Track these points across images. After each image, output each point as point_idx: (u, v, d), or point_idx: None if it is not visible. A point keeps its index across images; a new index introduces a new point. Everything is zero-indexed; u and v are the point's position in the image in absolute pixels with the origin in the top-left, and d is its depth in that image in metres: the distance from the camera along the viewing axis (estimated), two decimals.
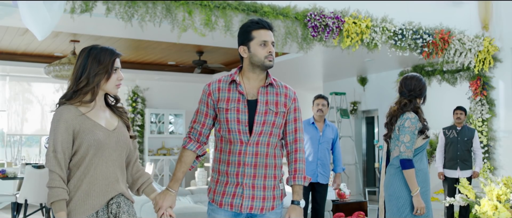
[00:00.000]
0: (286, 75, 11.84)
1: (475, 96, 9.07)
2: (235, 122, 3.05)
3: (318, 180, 6.20)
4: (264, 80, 3.15)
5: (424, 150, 4.07)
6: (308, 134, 6.24)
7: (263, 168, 3.06)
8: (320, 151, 6.22)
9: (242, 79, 3.13)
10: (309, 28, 6.87)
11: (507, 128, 8.85)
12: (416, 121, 4.01)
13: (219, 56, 10.50)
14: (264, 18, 3.14)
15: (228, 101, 3.07)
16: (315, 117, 6.31)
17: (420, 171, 4.03)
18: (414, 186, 3.95)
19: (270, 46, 3.08)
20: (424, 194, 3.99)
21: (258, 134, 3.04)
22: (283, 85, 3.21)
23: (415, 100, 4.10)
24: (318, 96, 6.37)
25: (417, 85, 4.11)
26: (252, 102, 3.07)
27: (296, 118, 3.19)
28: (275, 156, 3.12)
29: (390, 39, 7.56)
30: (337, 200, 7.72)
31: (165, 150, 12.36)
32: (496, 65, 8.89)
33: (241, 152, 3.04)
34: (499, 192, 6.37)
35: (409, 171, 3.97)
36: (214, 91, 3.13)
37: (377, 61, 9.75)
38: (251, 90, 3.10)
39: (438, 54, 8.12)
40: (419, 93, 4.10)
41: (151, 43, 9.22)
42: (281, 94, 3.14)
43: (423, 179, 4.02)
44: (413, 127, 4.00)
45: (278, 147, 3.17)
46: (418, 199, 3.94)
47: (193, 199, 6.27)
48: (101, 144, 2.79)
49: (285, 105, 3.13)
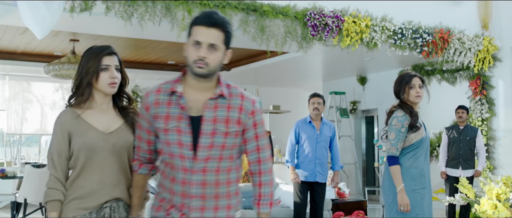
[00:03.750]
0: (286, 74, 11.85)
1: (474, 96, 9.07)
2: (177, 145, 2.48)
3: (316, 179, 6.20)
4: (213, 89, 2.53)
5: (419, 148, 4.04)
6: (306, 133, 6.24)
7: (212, 199, 2.51)
8: (318, 149, 6.22)
9: (186, 88, 2.53)
10: (308, 27, 6.86)
11: (507, 128, 8.85)
12: (403, 119, 4.02)
13: None
14: (215, 12, 2.49)
15: (167, 119, 2.50)
16: (311, 116, 6.31)
17: (413, 168, 4.01)
18: (398, 182, 3.98)
19: (204, 49, 2.42)
20: (413, 192, 3.98)
21: (204, 160, 2.47)
22: (239, 94, 2.57)
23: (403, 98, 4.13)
24: (313, 94, 6.37)
25: (396, 86, 4.16)
26: (197, 119, 2.49)
27: (258, 135, 2.61)
28: (229, 183, 2.55)
29: (389, 38, 7.56)
30: (336, 199, 7.71)
31: None
32: (495, 65, 8.89)
33: (185, 182, 2.48)
34: (498, 192, 6.38)
35: (393, 167, 4.01)
36: (152, 105, 2.54)
37: (377, 60, 9.75)
38: (196, 103, 2.50)
39: (438, 54, 8.12)
40: (398, 89, 4.13)
41: (150, 43, 9.21)
42: (235, 107, 2.53)
43: (416, 177, 4.00)
44: (399, 124, 4.02)
45: (234, 171, 2.58)
46: (402, 196, 3.95)
47: None
48: (93, 148, 2.71)
49: (239, 122, 2.53)
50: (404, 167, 4.04)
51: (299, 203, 6.22)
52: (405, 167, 4.04)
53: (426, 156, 4.08)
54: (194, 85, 2.50)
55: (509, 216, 6.00)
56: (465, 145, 7.66)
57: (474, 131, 7.76)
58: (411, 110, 4.06)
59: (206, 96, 2.50)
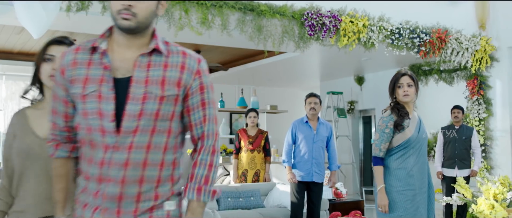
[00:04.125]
0: (283, 74, 11.84)
1: (472, 96, 9.06)
2: (96, 116, 1.95)
3: (313, 179, 6.19)
4: (147, 45, 2.04)
5: (407, 149, 3.97)
6: (302, 133, 6.23)
7: (136, 186, 1.96)
8: (315, 149, 6.21)
9: (112, 46, 2.03)
10: (306, 27, 6.85)
11: (504, 128, 8.85)
12: (388, 120, 4.00)
13: (216, 55, 10.47)
14: None
15: (86, 82, 1.98)
16: (308, 116, 6.30)
17: (400, 169, 3.95)
18: (378, 182, 3.97)
19: None
20: (398, 193, 3.93)
21: (131, 133, 1.93)
22: (180, 50, 2.08)
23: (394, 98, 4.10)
24: (310, 94, 6.37)
25: (389, 86, 4.13)
26: (124, 81, 1.97)
27: (205, 101, 2.07)
28: (163, 165, 2.03)
29: (387, 38, 7.56)
30: (333, 199, 7.71)
31: None
32: (493, 65, 8.89)
33: (103, 162, 1.94)
34: (495, 191, 6.37)
35: (375, 167, 4.01)
36: (68, 66, 2.02)
37: (374, 60, 9.75)
38: (124, 63, 2.00)
39: (435, 53, 8.12)
40: (390, 89, 4.10)
41: None
42: (174, 66, 2.02)
43: (403, 178, 3.95)
44: (383, 125, 4.01)
45: (171, 150, 2.06)
46: (380, 196, 3.94)
47: None
48: (28, 154, 2.33)
49: (179, 84, 2.01)
50: (391, 168, 4.00)
51: (296, 203, 6.21)
52: (392, 168, 4.00)
53: (419, 157, 4.00)
54: (121, 42, 2.01)
55: (506, 216, 5.99)
56: (461, 145, 7.65)
57: (470, 130, 7.76)
58: (400, 109, 4.01)
59: (136, 53, 2.00)
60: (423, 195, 4.01)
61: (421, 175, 4.01)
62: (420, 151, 4.02)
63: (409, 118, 4.02)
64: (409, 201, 3.93)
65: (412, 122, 4.02)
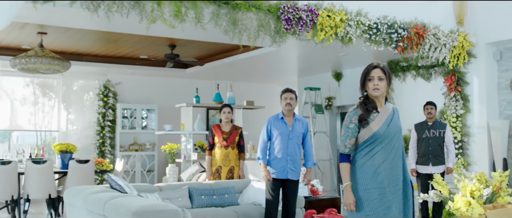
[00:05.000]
0: (260, 69, 11.71)
1: (449, 92, 9.04)
2: None
3: (288, 177, 6.05)
4: None
5: (374, 144, 3.78)
6: (278, 129, 6.08)
7: None
8: (290, 146, 6.06)
9: None
10: (282, 21, 6.71)
11: (481, 124, 8.84)
12: (352, 115, 3.86)
13: (192, 50, 10.30)
14: None
15: None
16: (284, 112, 6.15)
17: (367, 166, 3.77)
18: (344, 180, 3.83)
19: None
20: (365, 190, 3.75)
21: None
22: None
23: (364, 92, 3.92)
24: (285, 89, 6.21)
25: (360, 80, 3.94)
26: None
27: None
28: None
29: (364, 33, 7.46)
30: (309, 196, 7.59)
31: (137, 146, 12.12)
32: (470, 61, 8.87)
33: None
34: (472, 188, 6.32)
35: (341, 165, 3.88)
36: None
37: (352, 56, 9.66)
38: None
39: (413, 49, 8.05)
40: (361, 82, 3.92)
41: (122, 36, 8.99)
42: None
43: (370, 175, 3.76)
44: (347, 120, 3.87)
45: None
46: (346, 194, 3.79)
47: (161, 196, 6.07)
48: None
49: None
50: (358, 164, 3.82)
51: (271, 201, 6.08)
52: (359, 164, 3.82)
53: (389, 153, 3.80)
54: None
55: (482, 213, 5.93)
56: (435, 141, 7.58)
57: (443, 126, 7.68)
58: (367, 104, 3.84)
59: None
60: (396, 194, 3.80)
61: (392, 172, 3.80)
62: (390, 147, 3.80)
63: (378, 112, 3.84)
64: (377, 200, 3.74)
65: (380, 116, 3.83)
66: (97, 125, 11.91)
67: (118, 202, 4.53)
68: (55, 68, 8.69)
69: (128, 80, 12.35)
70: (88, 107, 12.08)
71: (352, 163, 3.87)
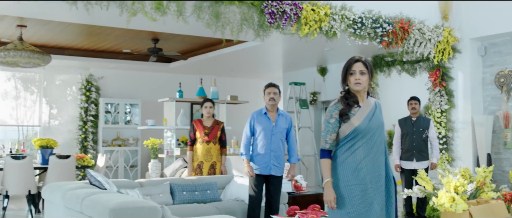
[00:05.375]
0: (245, 64, 11.61)
1: (434, 87, 9.02)
2: None
3: (271, 173, 5.98)
4: None
5: (355, 140, 3.69)
6: (261, 125, 6.00)
7: None
8: (273, 142, 5.99)
9: None
10: (265, 14, 6.62)
11: (465, 119, 8.82)
12: (333, 109, 3.76)
13: (176, 44, 10.18)
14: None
15: None
16: (267, 107, 6.06)
17: (349, 162, 3.68)
18: (324, 176, 3.72)
19: None
20: (346, 187, 3.65)
21: None
22: None
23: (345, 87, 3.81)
24: (269, 84, 6.11)
25: (341, 74, 3.83)
26: None
27: None
28: None
29: (349, 27, 7.39)
30: (293, 192, 7.51)
31: (120, 141, 11.98)
32: (455, 56, 8.85)
33: None
34: (456, 184, 6.30)
35: (321, 161, 3.77)
36: None
37: (337, 50, 9.58)
38: None
39: (398, 44, 8.01)
40: (342, 77, 3.80)
41: (103, 29, 8.84)
42: None
43: (351, 171, 3.66)
44: (328, 115, 3.77)
45: None
46: (326, 191, 3.68)
47: (141, 192, 5.97)
48: None
49: None
50: (339, 160, 3.73)
51: (254, 197, 6.00)
52: (340, 160, 3.72)
53: (371, 148, 3.70)
54: None
55: (466, 208, 5.91)
56: (419, 136, 7.52)
57: (427, 122, 7.63)
58: (348, 98, 3.74)
59: None
60: (378, 190, 3.71)
61: (374, 168, 3.71)
62: (372, 142, 3.71)
63: (359, 106, 3.75)
64: (358, 196, 3.64)
65: (362, 111, 3.74)
66: (79, 120, 11.74)
67: (95, 198, 4.41)
68: (35, 62, 8.52)
69: (111, 74, 12.19)
70: (70, 101, 11.90)
71: (333, 159, 3.77)
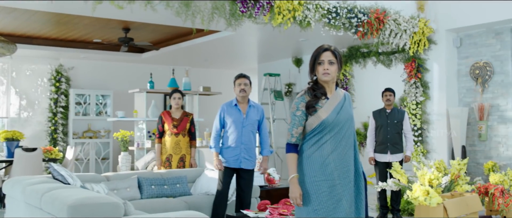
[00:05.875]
0: (219, 55, 11.41)
1: (409, 79, 8.93)
2: None
3: (241, 166, 5.80)
4: None
5: (323, 133, 3.50)
6: (231, 117, 5.81)
7: None
8: (244, 134, 5.80)
9: None
10: (237, 3, 6.43)
11: (440, 111, 8.76)
12: (299, 101, 3.58)
13: (147, 34, 9.93)
14: None
15: None
16: (237, 98, 5.87)
17: (316, 157, 3.49)
18: (290, 171, 3.55)
19: None
20: (313, 183, 3.46)
21: None
22: None
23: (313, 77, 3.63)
24: (239, 75, 5.91)
25: (309, 64, 3.64)
26: None
27: None
28: None
29: (323, 17, 7.23)
30: (266, 185, 7.36)
31: (91, 133, 11.70)
32: (430, 47, 8.77)
33: None
34: (431, 177, 6.21)
35: (287, 155, 3.59)
36: None
37: (312, 41, 9.44)
38: None
39: (373, 35, 7.89)
40: (311, 66, 3.61)
41: (71, 18, 8.56)
42: None
43: (318, 167, 3.48)
44: (294, 107, 3.59)
45: None
46: (291, 187, 3.51)
47: (108, 187, 5.73)
48: None
49: None
50: (305, 155, 3.54)
51: (220, 191, 5.81)
52: (306, 155, 3.54)
53: (339, 142, 3.52)
54: None
55: (440, 202, 5.82)
56: (393, 129, 7.39)
57: (402, 114, 7.50)
58: (316, 90, 3.55)
59: None
60: (346, 186, 3.52)
61: (343, 163, 3.53)
62: (340, 136, 3.52)
63: (327, 98, 3.57)
64: (326, 193, 3.46)
65: (330, 103, 3.56)
66: (49, 111, 11.43)
67: (55, 194, 4.20)
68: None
69: (81, 64, 11.88)
70: (40, 92, 11.58)
71: (299, 154, 3.59)
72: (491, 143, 8.58)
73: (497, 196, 6.36)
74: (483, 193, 6.54)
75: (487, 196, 6.43)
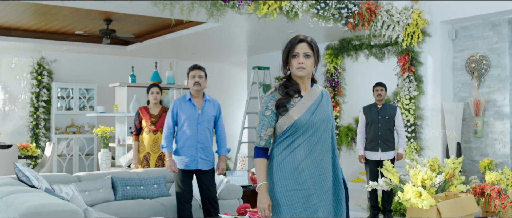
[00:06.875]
0: (207, 47, 11.04)
1: (403, 72, 8.58)
2: None
3: (198, 167, 5.31)
4: None
5: (295, 136, 3.09)
6: (185, 113, 5.31)
7: None
8: (200, 132, 5.31)
9: None
10: None
11: (435, 106, 8.42)
12: (268, 100, 3.14)
13: (130, 25, 9.53)
14: None
15: None
16: (192, 92, 5.38)
17: (287, 163, 3.08)
18: (258, 179, 3.12)
19: None
20: (284, 193, 3.05)
21: None
22: None
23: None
24: (193, 66, 5.38)
25: (282, 56, 3.26)
26: None
27: None
28: None
29: (312, 7, 6.86)
30: (249, 185, 6.99)
31: (74, 128, 11.32)
32: (425, 40, 8.43)
33: None
34: (424, 177, 5.89)
35: (255, 160, 3.17)
36: None
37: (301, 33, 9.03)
38: None
39: (365, 26, 7.53)
40: (284, 59, 3.22)
41: (49, 8, 8.18)
42: None
43: (289, 174, 3.07)
44: (263, 106, 3.16)
45: None
46: (259, 197, 3.08)
47: (78, 188, 5.36)
48: None
49: None
50: (276, 161, 3.11)
51: (180, 194, 5.31)
52: (277, 161, 3.11)
53: (314, 146, 3.09)
54: None
55: (433, 204, 5.49)
56: (384, 125, 7.02)
57: (393, 109, 7.13)
58: (288, 86, 3.14)
59: None
60: (323, 196, 3.10)
61: (319, 170, 3.10)
62: (315, 139, 3.10)
63: (301, 96, 3.15)
64: (300, 203, 3.04)
65: (304, 101, 3.13)
66: (30, 106, 11.03)
67: (10, 199, 3.83)
68: None
69: (64, 57, 11.48)
70: (23, 86, 11.18)
71: (269, 159, 3.16)
72: (487, 140, 8.24)
73: (494, 197, 6.03)
74: (479, 194, 6.21)
75: (483, 197, 6.10)
